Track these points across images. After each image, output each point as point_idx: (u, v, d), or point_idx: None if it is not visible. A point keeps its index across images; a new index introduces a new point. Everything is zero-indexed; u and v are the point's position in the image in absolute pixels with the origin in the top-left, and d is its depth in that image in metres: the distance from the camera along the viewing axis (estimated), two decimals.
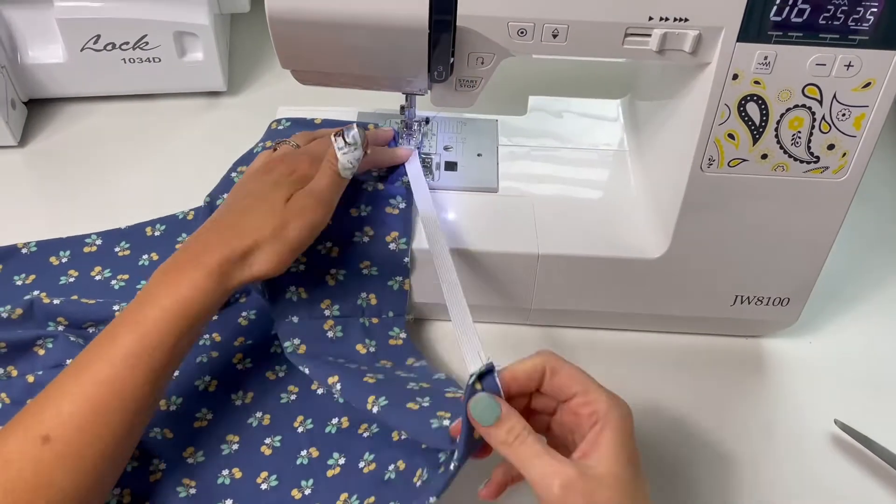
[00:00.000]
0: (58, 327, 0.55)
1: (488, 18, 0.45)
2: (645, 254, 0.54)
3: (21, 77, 0.69)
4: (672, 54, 0.46)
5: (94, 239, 0.62)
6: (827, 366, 0.59)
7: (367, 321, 0.54)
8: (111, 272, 0.60)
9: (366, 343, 0.53)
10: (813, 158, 0.49)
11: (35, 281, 0.59)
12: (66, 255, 0.61)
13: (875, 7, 0.43)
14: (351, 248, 0.54)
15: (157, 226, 0.63)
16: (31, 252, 0.61)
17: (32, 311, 0.55)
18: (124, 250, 0.61)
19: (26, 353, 0.54)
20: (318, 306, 0.53)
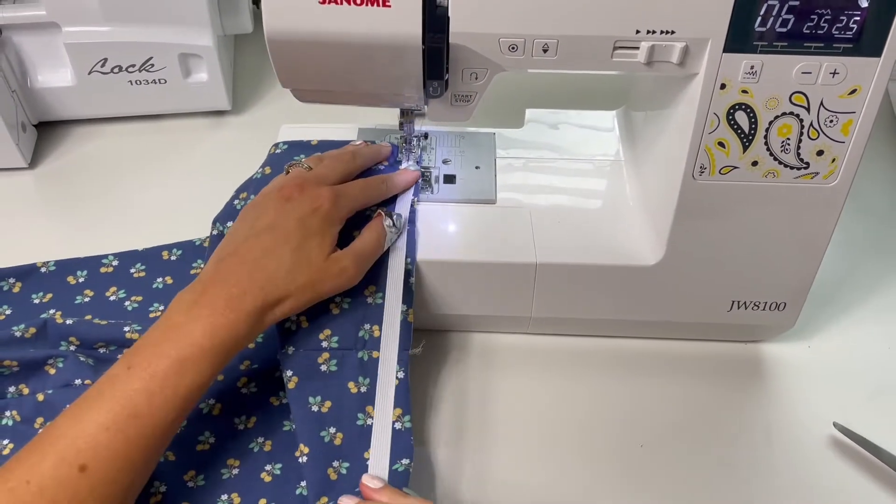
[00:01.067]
0: (69, 347, 0.56)
1: (480, 35, 0.46)
2: (641, 261, 0.55)
3: (31, 100, 0.71)
4: (660, 66, 0.47)
5: (111, 260, 0.63)
6: (826, 369, 0.59)
7: (365, 354, 0.52)
8: (125, 293, 0.61)
9: (359, 382, 0.52)
10: (803, 164, 0.50)
11: (52, 300, 0.61)
12: (84, 274, 0.62)
13: (858, 15, 0.44)
14: None
15: (173, 250, 0.64)
16: (50, 271, 0.62)
17: (46, 330, 0.56)
18: (140, 272, 0.63)
19: (38, 372, 0.55)
20: (317, 337, 0.52)
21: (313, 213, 0.50)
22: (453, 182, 0.60)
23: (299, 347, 0.52)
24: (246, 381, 0.55)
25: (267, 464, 0.52)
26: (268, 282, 0.47)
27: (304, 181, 0.52)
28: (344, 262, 0.50)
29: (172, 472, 0.51)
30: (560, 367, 0.59)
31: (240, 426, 0.54)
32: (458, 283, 0.56)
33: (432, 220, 0.57)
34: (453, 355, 0.59)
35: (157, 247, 0.64)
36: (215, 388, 0.55)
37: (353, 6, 0.44)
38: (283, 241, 0.49)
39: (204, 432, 0.53)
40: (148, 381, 0.44)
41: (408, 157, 0.61)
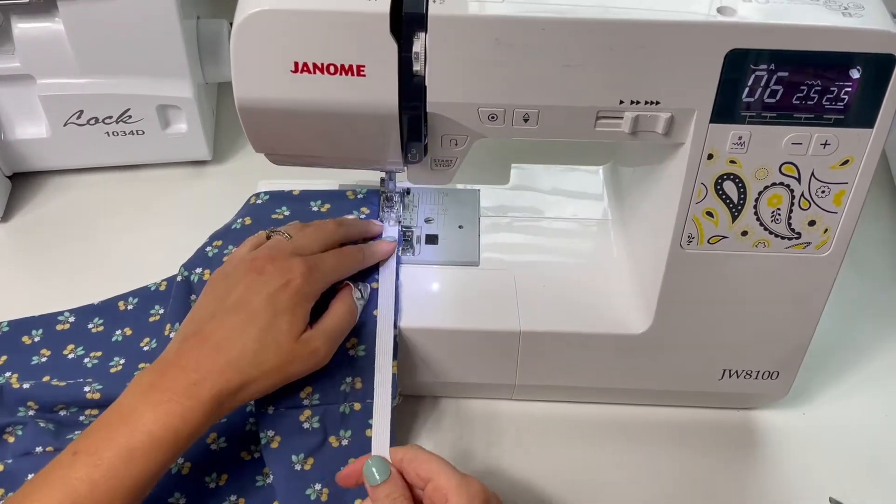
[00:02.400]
0: (28, 412, 0.54)
1: (458, 105, 0.44)
2: (628, 329, 0.53)
3: (5, 152, 0.69)
4: (645, 135, 0.45)
5: (68, 316, 0.61)
6: (821, 438, 0.57)
7: (347, 407, 0.51)
8: (84, 350, 0.59)
9: (339, 435, 0.51)
10: (794, 234, 0.48)
11: (7, 362, 0.58)
12: (39, 333, 0.60)
13: (849, 87, 0.43)
14: None
15: (129, 299, 0.62)
16: (3, 332, 0.60)
17: (2, 396, 0.54)
18: (97, 326, 0.61)
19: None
20: (298, 395, 0.51)
21: (284, 288, 0.47)
22: (435, 242, 0.59)
23: (279, 406, 0.51)
24: (215, 437, 0.54)
25: None
26: (230, 367, 0.45)
27: (278, 252, 0.49)
28: (314, 344, 0.48)
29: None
30: (545, 435, 0.57)
31: (211, 484, 0.52)
32: (439, 350, 0.55)
33: (414, 284, 0.56)
34: (432, 422, 0.57)
35: (114, 298, 0.62)
36: None
37: (327, 75, 0.43)
38: (250, 321, 0.46)
39: (174, 493, 0.51)
40: (92, 469, 0.41)
41: (389, 214, 0.59)
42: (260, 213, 0.60)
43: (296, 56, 0.42)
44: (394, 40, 0.41)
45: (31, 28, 0.64)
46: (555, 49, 0.42)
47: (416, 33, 0.42)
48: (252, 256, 0.50)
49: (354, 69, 0.42)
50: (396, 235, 0.58)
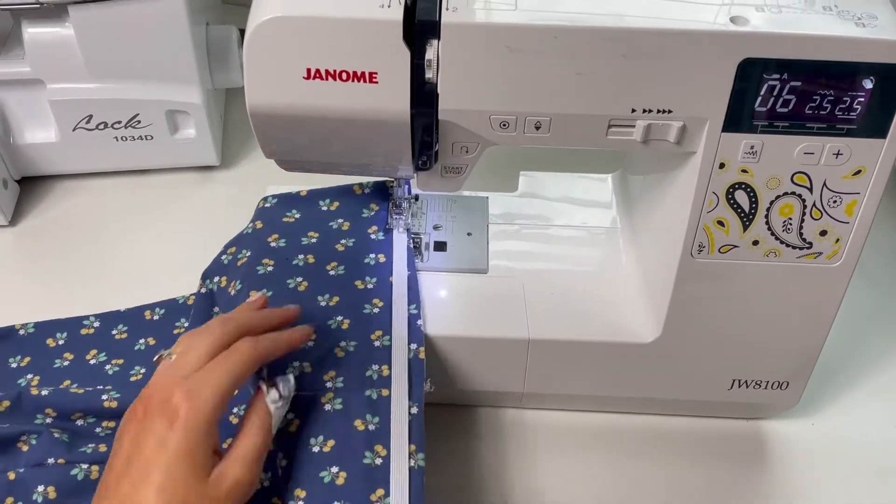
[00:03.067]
0: (45, 419, 0.53)
1: (470, 112, 0.44)
2: (638, 338, 0.53)
3: (14, 156, 0.69)
4: (657, 144, 0.45)
5: (93, 321, 0.61)
6: (831, 448, 0.57)
7: (374, 393, 0.49)
8: (106, 356, 0.59)
9: (366, 419, 0.48)
10: (805, 244, 0.48)
11: (30, 364, 0.58)
12: (63, 336, 0.60)
13: (862, 97, 0.42)
14: (361, 319, 0.52)
15: (156, 310, 0.62)
16: (29, 333, 0.60)
17: (21, 402, 0.54)
18: (121, 333, 0.61)
19: (10, 449, 0.52)
20: (321, 378, 0.49)
21: (170, 428, 0.39)
22: (444, 249, 0.58)
23: (301, 391, 0.48)
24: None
25: None
26: None
27: (157, 386, 0.41)
28: (231, 478, 0.40)
29: None
30: (552, 444, 0.56)
31: None
32: (448, 358, 0.54)
33: (422, 291, 0.55)
34: (440, 429, 0.57)
35: (140, 307, 0.62)
36: None
37: (339, 82, 0.43)
38: (142, 482, 0.38)
39: None
40: None
41: (398, 221, 0.59)
42: (270, 216, 0.60)
43: (308, 63, 0.42)
44: (406, 48, 0.41)
45: (42, 33, 0.64)
46: (567, 57, 0.42)
47: (429, 41, 0.42)
48: (135, 400, 0.42)
49: (367, 76, 0.42)
50: (406, 243, 0.58)
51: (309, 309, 0.51)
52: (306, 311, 0.51)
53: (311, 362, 0.50)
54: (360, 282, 0.54)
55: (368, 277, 0.54)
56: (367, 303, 0.53)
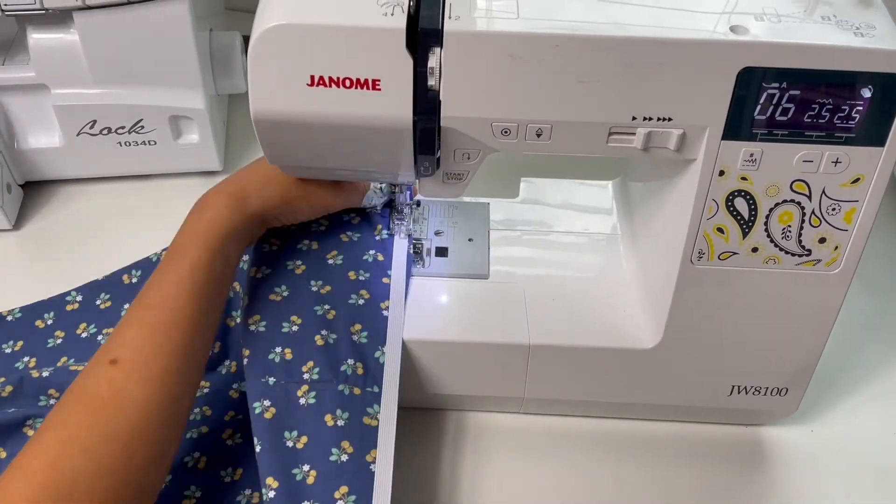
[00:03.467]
0: (49, 400, 0.55)
1: (472, 119, 0.45)
2: (638, 344, 0.53)
3: (18, 161, 0.70)
4: (657, 151, 0.45)
5: (75, 296, 0.62)
6: (830, 455, 0.57)
7: (347, 388, 0.50)
8: (96, 327, 0.60)
9: (336, 415, 0.49)
10: (804, 251, 0.48)
11: (23, 347, 0.59)
12: (51, 316, 0.62)
13: (860, 106, 0.43)
14: (345, 310, 0.53)
15: (133, 272, 0.63)
16: (16, 318, 0.61)
17: (23, 386, 0.55)
18: (105, 302, 0.62)
19: (15, 434, 0.54)
20: (300, 368, 0.51)
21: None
22: (445, 255, 0.59)
23: (280, 379, 0.50)
24: (231, 433, 0.55)
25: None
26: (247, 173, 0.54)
27: None
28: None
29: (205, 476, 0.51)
30: (553, 449, 0.57)
31: (226, 479, 0.53)
32: (449, 363, 0.55)
33: (423, 296, 0.56)
34: (441, 435, 0.57)
35: (117, 272, 0.64)
36: (200, 441, 0.54)
37: (343, 89, 0.43)
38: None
39: (190, 486, 0.52)
40: (157, 278, 0.49)
41: (399, 227, 0.59)
42: None
43: (312, 70, 0.42)
44: (409, 55, 0.42)
45: (46, 39, 0.65)
46: (568, 65, 0.42)
47: (432, 49, 0.42)
48: None
49: (370, 83, 0.43)
50: (406, 248, 0.58)
51: (298, 292, 0.53)
52: (298, 294, 0.53)
53: (293, 349, 0.51)
54: (352, 272, 0.55)
55: (362, 271, 0.55)
56: (355, 293, 0.54)
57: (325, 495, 0.46)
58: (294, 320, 0.53)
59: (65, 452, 0.42)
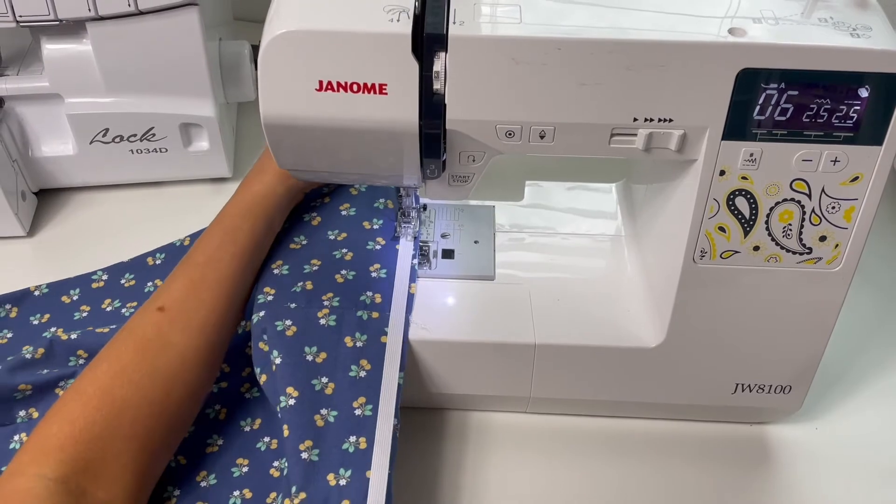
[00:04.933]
0: (78, 361, 0.57)
1: (476, 122, 0.46)
2: (642, 343, 0.54)
3: (32, 169, 0.71)
4: (658, 152, 0.46)
5: (101, 275, 0.65)
6: (834, 452, 0.57)
7: (365, 314, 0.54)
8: (120, 302, 0.63)
9: (356, 336, 0.53)
10: (805, 249, 0.49)
11: (50, 319, 0.62)
12: (76, 292, 0.64)
13: (858, 105, 0.44)
14: (364, 253, 0.58)
15: (157, 255, 0.67)
16: (43, 293, 0.64)
17: (53, 349, 0.57)
18: (129, 281, 0.65)
19: (48, 395, 0.56)
20: (320, 297, 0.55)
21: None
22: (451, 257, 0.60)
23: (301, 304, 0.54)
24: (248, 387, 0.58)
25: (275, 460, 0.53)
26: None
27: None
28: None
29: (184, 475, 0.53)
30: (559, 448, 0.57)
31: (246, 428, 0.56)
32: (455, 363, 0.55)
33: (430, 297, 0.57)
34: (448, 434, 0.58)
35: (142, 255, 0.67)
36: (221, 395, 0.58)
37: (350, 93, 0.44)
38: None
39: (212, 435, 0.56)
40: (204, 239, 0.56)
41: (406, 230, 0.60)
42: None
43: (321, 75, 0.44)
44: (415, 60, 0.43)
45: (60, 49, 0.66)
46: (571, 68, 0.43)
47: (437, 53, 0.43)
48: None
49: (377, 88, 0.44)
50: (412, 250, 0.59)
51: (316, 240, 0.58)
52: (314, 244, 0.57)
53: (314, 282, 0.56)
54: (367, 223, 0.59)
55: (376, 219, 0.60)
56: (371, 240, 0.58)
57: (345, 404, 0.50)
58: (314, 262, 0.57)
59: (116, 383, 0.48)
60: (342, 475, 0.48)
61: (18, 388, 0.55)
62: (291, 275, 0.56)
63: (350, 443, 0.49)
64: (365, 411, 0.50)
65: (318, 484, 0.48)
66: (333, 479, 0.48)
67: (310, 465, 0.48)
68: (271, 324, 0.53)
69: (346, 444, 0.49)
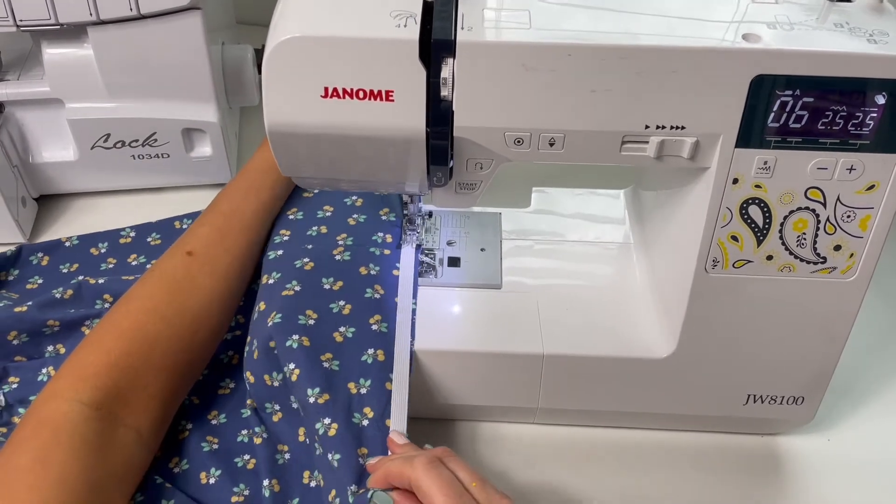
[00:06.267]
0: (104, 304, 0.61)
1: (485, 129, 0.45)
2: (652, 353, 0.53)
3: (32, 175, 0.70)
4: (670, 159, 0.45)
5: (129, 232, 0.69)
6: (847, 464, 0.57)
7: (377, 250, 0.58)
8: (145, 258, 0.67)
9: (369, 266, 0.57)
10: (820, 259, 0.48)
11: (79, 269, 0.66)
12: (105, 245, 0.68)
13: (875, 112, 0.43)
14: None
15: (184, 220, 0.70)
16: (74, 245, 0.68)
17: (81, 291, 0.61)
18: (155, 240, 0.69)
19: (74, 332, 0.60)
20: (335, 238, 0.59)
21: None
22: (458, 265, 0.59)
23: (317, 246, 0.58)
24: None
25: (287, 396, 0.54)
26: None
27: None
28: None
29: (197, 412, 0.57)
30: (567, 459, 0.56)
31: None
32: (462, 373, 0.55)
33: (436, 306, 0.56)
34: (457, 445, 0.57)
35: (169, 218, 0.70)
36: (234, 341, 0.60)
37: (356, 100, 0.43)
38: None
39: (224, 379, 0.59)
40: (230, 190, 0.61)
41: (411, 237, 0.59)
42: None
43: (326, 81, 0.43)
44: (422, 66, 0.42)
45: (61, 53, 0.65)
46: (581, 75, 0.42)
47: (445, 59, 0.42)
48: None
49: (383, 94, 0.43)
50: (415, 257, 0.58)
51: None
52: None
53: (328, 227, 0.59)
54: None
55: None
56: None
57: (361, 322, 0.54)
58: (326, 209, 0.61)
59: (149, 319, 0.52)
60: (362, 384, 0.51)
61: (47, 324, 0.59)
62: (306, 219, 0.60)
63: (369, 354, 0.52)
64: (381, 328, 0.53)
65: (340, 391, 0.51)
66: (354, 387, 0.51)
67: (331, 373, 0.51)
68: (289, 262, 0.56)
69: (364, 356, 0.52)
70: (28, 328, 0.59)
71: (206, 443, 0.55)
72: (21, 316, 0.58)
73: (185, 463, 0.54)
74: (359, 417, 0.50)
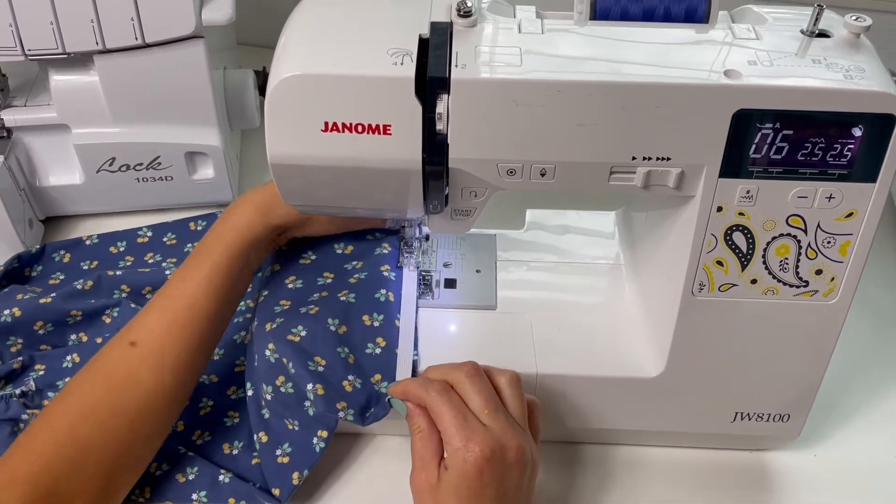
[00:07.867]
0: (122, 294, 0.65)
1: (478, 161, 0.47)
2: (643, 373, 0.55)
3: (39, 198, 0.72)
4: (657, 188, 0.47)
5: (146, 231, 0.73)
6: (833, 479, 0.58)
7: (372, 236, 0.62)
8: (161, 257, 0.70)
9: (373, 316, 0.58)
10: (802, 283, 0.50)
11: (98, 266, 0.70)
12: (123, 244, 0.72)
13: (852, 144, 0.45)
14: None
15: (199, 221, 0.73)
16: (94, 243, 0.72)
17: (101, 282, 0.65)
18: (171, 240, 0.72)
19: (96, 321, 0.64)
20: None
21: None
22: (454, 286, 0.61)
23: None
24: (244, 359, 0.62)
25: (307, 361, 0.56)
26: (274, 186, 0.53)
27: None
28: None
29: (216, 389, 0.60)
30: (558, 475, 0.58)
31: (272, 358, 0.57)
32: None
33: (433, 327, 0.58)
34: None
35: (185, 219, 0.73)
36: (246, 324, 0.63)
37: (355, 134, 0.45)
38: None
39: (239, 357, 0.62)
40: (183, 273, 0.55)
41: (408, 259, 0.61)
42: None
43: (326, 116, 0.45)
44: (418, 102, 0.44)
45: (68, 80, 0.67)
46: (570, 109, 0.44)
47: (440, 95, 0.44)
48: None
49: (381, 129, 0.45)
50: (416, 279, 0.60)
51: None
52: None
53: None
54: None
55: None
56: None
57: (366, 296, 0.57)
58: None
59: (84, 423, 0.49)
60: (375, 318, 0.56)
61: (70, 314, 0.63)
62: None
63: (381, 294, 0.58)
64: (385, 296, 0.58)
65: (355, 323, 0.56)
66: (368, 319, 0.56)
67: (347, 305, 0.56)
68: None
69: (378, 294, 0.58)
70: (53, 318, 0.62)
71: (227, 417, 0.59)
72: (46, 307, 0.62)
73: (207, 434, 0.58)
74: None
